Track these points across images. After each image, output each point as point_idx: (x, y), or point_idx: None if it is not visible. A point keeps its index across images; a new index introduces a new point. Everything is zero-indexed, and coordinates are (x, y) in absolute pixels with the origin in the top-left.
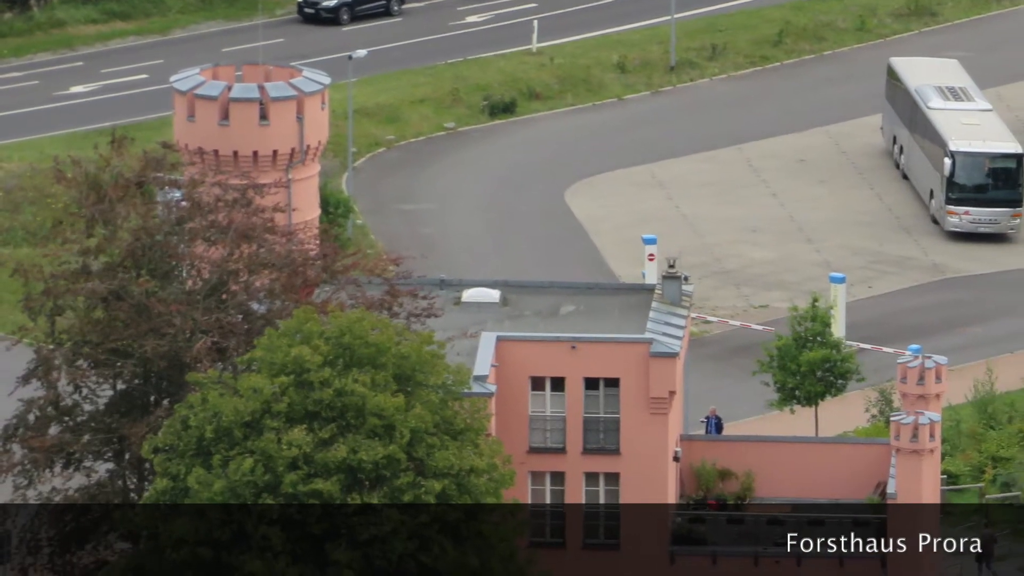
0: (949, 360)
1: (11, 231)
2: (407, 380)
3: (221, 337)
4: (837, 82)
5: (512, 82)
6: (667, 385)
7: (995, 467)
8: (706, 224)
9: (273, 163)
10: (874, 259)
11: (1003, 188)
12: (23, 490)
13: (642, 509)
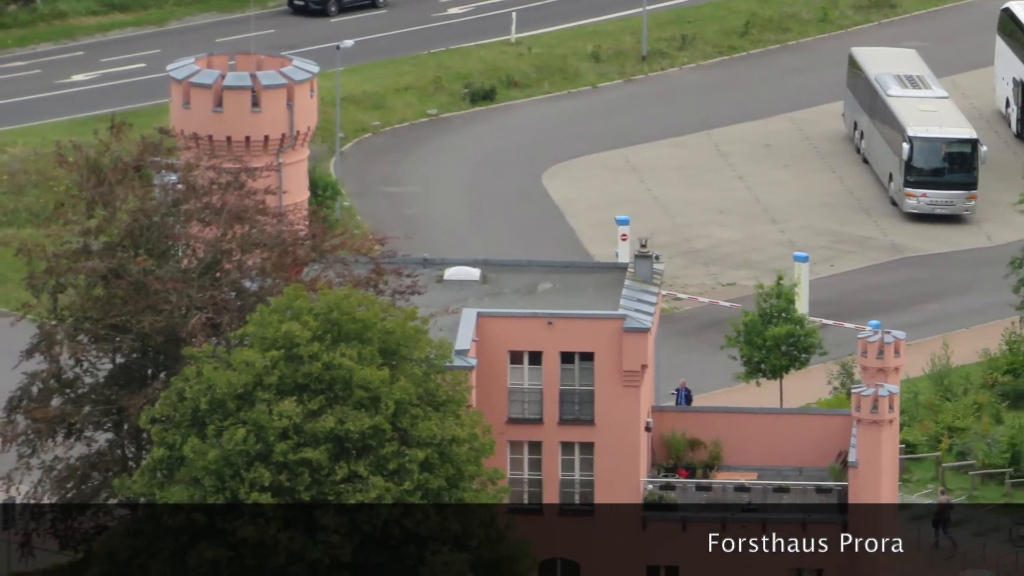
0: (907, 335)
1: (15, 213)
2: (392, 354)
3: (215, 313)
4: (801, 71)
5: (492, 71)
6: (639, 359)
7: (951, 437)
8: (676, 206)
9: (264, 148)
10: (836, 239)
11: (959, 172)
12: (27, 459)
13: (615, 477)
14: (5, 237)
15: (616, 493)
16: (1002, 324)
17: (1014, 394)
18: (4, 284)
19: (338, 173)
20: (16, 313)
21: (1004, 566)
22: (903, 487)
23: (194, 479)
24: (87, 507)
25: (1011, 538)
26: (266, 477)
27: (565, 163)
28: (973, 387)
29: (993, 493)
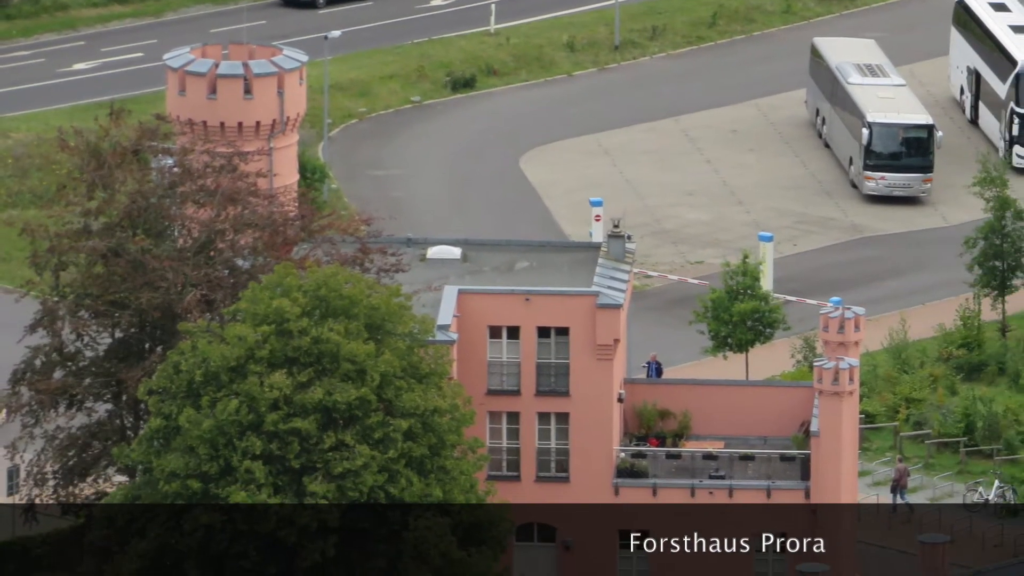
0: (866, 311)
1: (19, 194)
2: (377, 329)
3: (209, 290)
4: (765, 60)
5: (472, 60)
6: (612, 333)
7: (908, 408)
8: (647, 188)
9: (256, 133)
10: (799, 220)
11: (915, 156)
12: (30, 428)
13: (589, 446)
14: (10, 218)
15: (590, 461)
16: (956, 300)
17: (968, 367)
18: (8, 262)
19: (326, 157)
20: (20, 290)
21: (958, 531)
22: (863, 455)
23: (189, 448)
24: (88, 474)
25: (965, 504)
26: (257, 446)
27: (542, 148)
28: (929, 360)
29: (948, 461)
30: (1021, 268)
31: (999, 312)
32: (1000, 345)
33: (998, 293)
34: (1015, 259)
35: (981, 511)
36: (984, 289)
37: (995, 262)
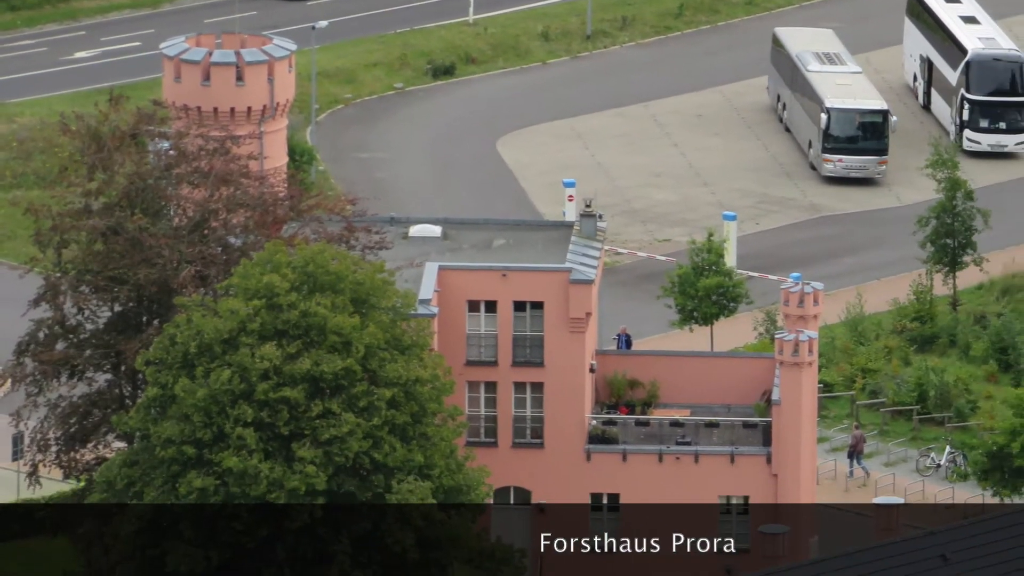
0: (825, 286)
1: (23, 176)
2: (362, 303)
3: (203, 266)
4: (729, 49)
5: (452, 49)
6: (584, 307)
7: (864, 377)
8: (617, 170)
9: (247, 118)
10: (761, 200)
11: (871, 139)
12: (34, 397)
13: (562, 414)
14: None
15: (563, 428)
16: (910, 276)
17: (921, 339)
18: (13, 240)
19: (314, 140)
20: (24, 266)
21: (911, 494)
22: (821, 422)
23: (184, 415)
24: (88, 440)
25: (918, 468)
26: (249, 414)
27: (517, 132)
28: (884, 333)
29: (902, 428)
30: (971, 246)
31: (950, 287)
32: (951, 318)
33: (949, 269)
34: (965, 237)
35: (933, 475)
36: (936, 265)
37: (946, 240)
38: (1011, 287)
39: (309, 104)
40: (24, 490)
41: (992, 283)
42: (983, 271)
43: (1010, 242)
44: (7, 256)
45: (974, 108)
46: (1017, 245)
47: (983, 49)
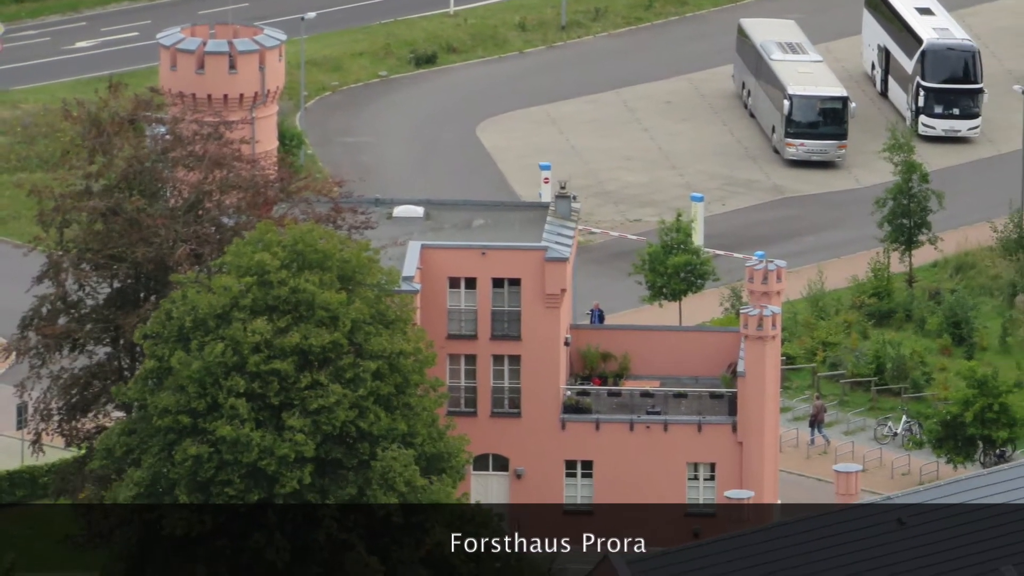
0: (787, 264)
1: (27, 159)
2: (348, 280)
3: (198, 245)
4: (697, 39)
5: (433, 39)
6: (559, 284)
7: (825, 350)
8: (590, 154)
9: (240, 104)
10: (727, 182)
11: (831, 124)
12: (37, 369)
13: (539, 385)
14: (19, 180)
15: (539, 399)
16: (868, 254)
17: (878, 314)
18: (18, 220)
19: (302, 126)
20: (28, 245)
21: (869, 461)
22: (784, 393)
23: (180, 386)
24: (89, 410)
25: (876, 437)
26: (241, 385)
27: (496, 117)
28: (844, 308)
29: (861, 399)
30: (926, 225)
31: (906, 265)
32: (907, 294)
33: (905, 248)
34: (921, 217)
35: (890, 443)
36: (893, 244)
37: (903, 220)
38: (964, 265)
39: (298, 91)
40: (28, 457)
41: (946, 261)
42: (937, 250)
43: (963, 222)
44: (12, 235)
45: (929, 95)
46: (970, 225)
47: (937, 39)
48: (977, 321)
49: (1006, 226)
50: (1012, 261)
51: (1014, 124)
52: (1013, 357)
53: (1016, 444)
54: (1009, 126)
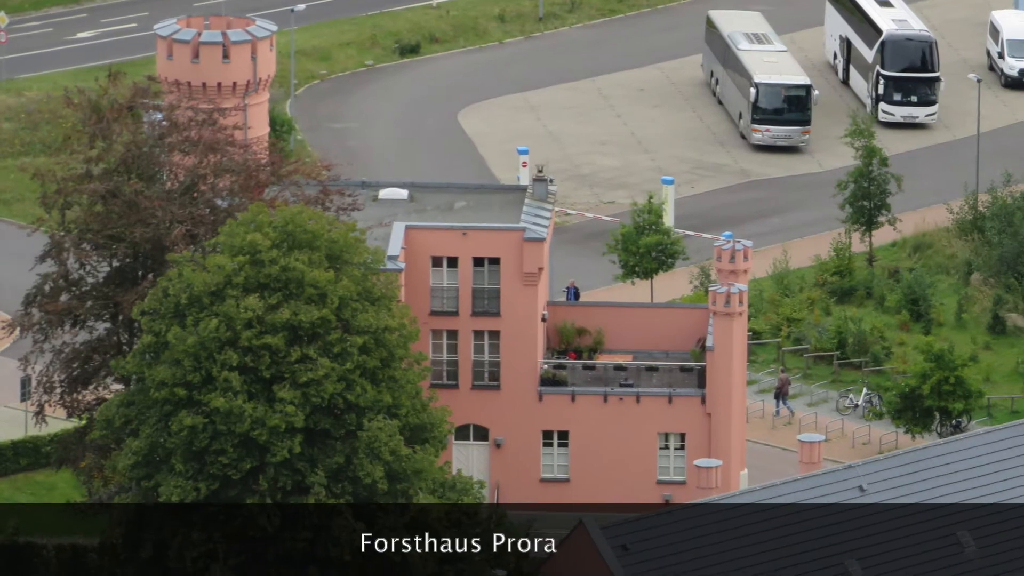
0: (754, 244)
1: (31, 144)
2: (336, 259)
3: (193, 226)
4: (668, 30)
5: (417, 29)
6: (537, 263)
7: (789, 326)
8: (567, 139)
9: (233, 92)
10: (696, 166)
11: (795, 111)
12: (40, 343)
13: (517, 359)
14: (23, 164)
15: (518, 372)
16: (830, 234)
17: (840, 291)
18: (22, 202)
19: (292, 112)
20: (31, 226)
21: (831, 431)
22: (750, 367)
23: (176, 360)
24: (89, 382)
25: (838, 408)
26: (234, 358)
27: (477, 104)
28: (807, 285)
29: (823, 372)
30: (886, 207)
31: (867, 245)
32: (867, 273)
33: (866, 228)
34: (880, 200)
35: (851, 414)
36: (854, 225)
37: (863, 202)
38: (922, 244)
39: (288, 79)
40: (32, 428)
41: (904, 241)
42: (896, 230)
43: (921, 204)
44: (16, 216)
45: (888, 83)
46: (927, 207)
47: (896, 30)
48: (934, 298)
49: (961, 208)
50: (967, 241)
51: (969, 111)
52: (968, 332)
53: (971, 415)
54: (964, 113)
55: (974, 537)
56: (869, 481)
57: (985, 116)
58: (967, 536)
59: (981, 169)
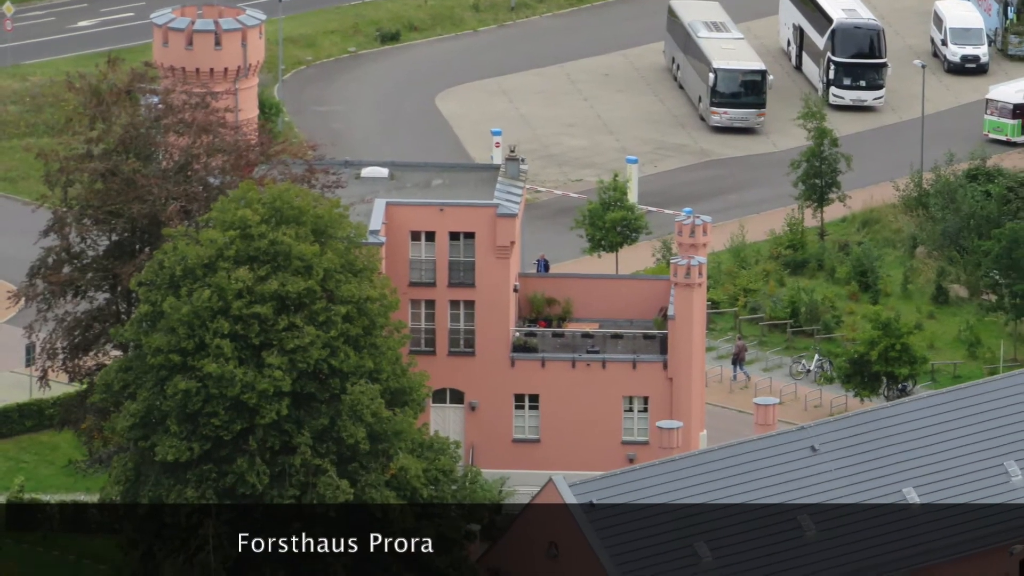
0: (712, 219)
1: (35, 126)
2: (321, 233)
3: (187, 202)
4: (632, 19)
5: (397, 18)
6: (509, 237)
7: (746, 296)
8: (537, 121)
9: (224, 77)
10: (658, 146)
11: (751, 95)
12: (44, 312)
13: (491, 327)
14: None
15: (491, 339)
16: (784, 210)
17: (793, 263)
18: (27, 180)
19: (280, 96)
20: (36, 202)
21: (785, 395)
22: (709, 334)
23: (171, 328)
24: (90, 349)
25: (791, 373)
26: (225, 327)
27: (453, 88)
28: (762, 258)
29: (778, 339)
30: (836, 185)
31: (818, 220)
32: (819, 246)
33: (817, 205)
34: (831, 178)
35: (804, 379)
36: (806, 202)
37: (815, 180)
38: (870, 220)
39: (276, 65)
40: (36, 392)
41: (854, 216)
42: (846, 206)
43: (869, 182)
44: (21, 194)
45: (838, 68)
46: (875, 184)
47: (846, 18)
48: (881, 270)
49: (907, 185)
50: (912, 217)
51: (914, 95)
52: (913, 302)
53: (916, 380)
54: (910, 96)
55: (919, 493)
56: (821, 442)
57: (929, 99)
58: (912, 492)
59: (925, 149)
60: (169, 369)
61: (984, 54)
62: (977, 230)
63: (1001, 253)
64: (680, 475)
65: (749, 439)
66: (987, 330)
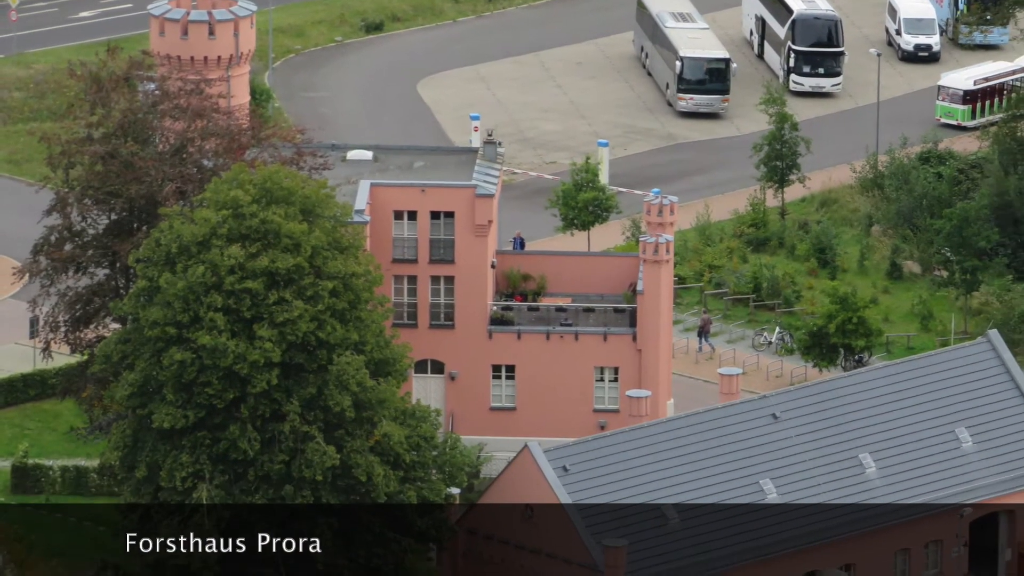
0: (679, 199)
1: (38, 111)
2: (309, 213)
3: (182, 183)
4: (603, 9)
5: (381, 9)
6: (487, 216)
7: (711, 272)
8: (513, 106)
9: (218, 65)
10: (628, 130)
11: (716, 82)
12: (47, 288)
13: (469, 301)
14: (31, 129)
15: (470, 313)
16: (747, 191)
17: (756, 241)
18: (30, 162)
19: (271, 83)
20: (39, 183)
21: (748, 365)
22: (676, 308)
23: (167, 302)
24: (90, 322)
25: (754, 345)
26: (219, 301)
27: (434, 76)
28: (727, 236)
29: (741, 313)
30: (796, 167)
31: (779, 200)
32: (780, 225)
33: (778, 186)
34: (791, 160)
35: (766, 350)
36: (768, 183)
37: (776, 162)
38: (828, 200)
39: (267, 53)
40: (39, 362)
41: (813, 197)
42: (806, 187)
43: (827, 164)
44: (25, 175)
45: (798, 57)
46: (833, 167)
47: (806, 10)
48: (839, 247)
49: (863, 167)
50: (868, 197)
51: (870, 82)
52: (869, 278)
53: (872, 351)
54: (866, 83)
55: (875, 459)
56: (782, 410)
57: (884, 86)
58: (868, 457)
59: (880, 133)
60: (165, 341)
61: (936, 43)
62: (929, 210)
63: (952, 231)
64: (649, 441)
65: (714, 407)
66: (939, 304)
